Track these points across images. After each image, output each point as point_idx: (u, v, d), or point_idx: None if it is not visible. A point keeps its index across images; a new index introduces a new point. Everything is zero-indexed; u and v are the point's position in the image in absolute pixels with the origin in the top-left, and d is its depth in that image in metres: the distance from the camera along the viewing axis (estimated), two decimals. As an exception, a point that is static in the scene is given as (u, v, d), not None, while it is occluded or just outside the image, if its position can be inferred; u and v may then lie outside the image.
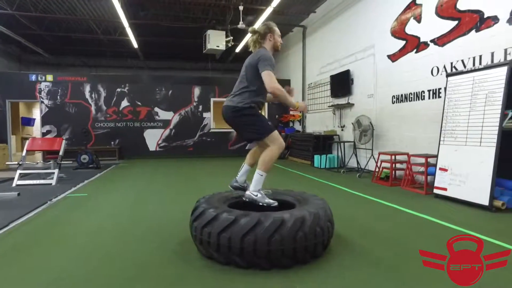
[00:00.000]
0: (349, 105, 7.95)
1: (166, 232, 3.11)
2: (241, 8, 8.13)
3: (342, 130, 8.35)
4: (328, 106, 8.90)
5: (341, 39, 8.32)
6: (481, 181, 3.97)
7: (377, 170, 6.06)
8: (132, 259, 2.49)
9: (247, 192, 2.71)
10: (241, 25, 8.36)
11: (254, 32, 2.87)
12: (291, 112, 11.75)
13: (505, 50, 4.28)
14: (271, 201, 2.66)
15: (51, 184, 5.68)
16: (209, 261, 2.40)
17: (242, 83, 2.79)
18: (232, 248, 2.23)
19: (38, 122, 11.23)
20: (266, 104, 11.27)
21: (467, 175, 4.19)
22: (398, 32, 6.29)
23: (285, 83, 11.97)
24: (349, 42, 7.94)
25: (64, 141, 6.25)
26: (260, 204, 2.65)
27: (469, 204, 4.06)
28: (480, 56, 4.63)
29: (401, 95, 6.23)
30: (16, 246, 2.82)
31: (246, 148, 11.72)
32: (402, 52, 6.22)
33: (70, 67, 14.03)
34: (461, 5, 4.92)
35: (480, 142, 4.10)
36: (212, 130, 11.66)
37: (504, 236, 2.93)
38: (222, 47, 9.78)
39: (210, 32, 9.58)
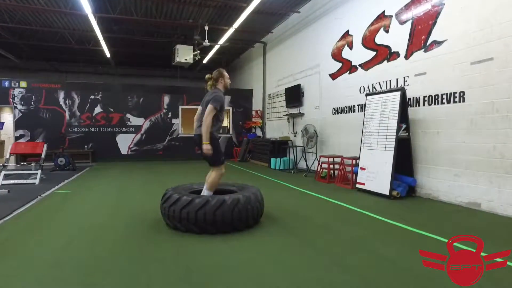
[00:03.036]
0: (300, 115, 9.22)
1: (141, 214, 4.11)
2: (206, 28, 9.19)
3: (294, 136, 9.61)
4: (283, 115, 10.15)
5: (295, 57, 9.61)
6: (385, 176, 5.29)
7: (319, 170, 7.31)
8: (117, 234, 3.49)
9: None
10: (206, 42, 9.41)
11: (209, 78, 3.92)
12: (253, 119, 12.92)
13: (404, 78, 5.66)
14: None
15: (35, 183, 6.42)
16: (174, 230, 3.44)
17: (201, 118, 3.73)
18: (189, 219, 3.29)
19: (8, 126, 11.57)
20: (230, 111, 12.28)
21: (377, 172, 5.50)
22: (337, 55, 7.63)
23: (248, 92, 13.17)
24: (301, 59, 9.24)
25: (45, 145, 6.98)
26: None
27: (377, 195, 5.36)
28: (390, 81, 6.00)
29: (339, 107, 7.56)
30: (25, 227, 3.72)
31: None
32: (339, 72, 7.55)
33: (40, 72, 14.39)
34: (378, 40, 6.29)
35: (385, 147, 5.42)
36: (180, 135, 12.56)
37: (392, 215, 4.19)
38: (190, 60, 10.77)
39: (179, 47, 10.54)
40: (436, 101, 5.06)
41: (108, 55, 11.97)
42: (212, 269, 2.53)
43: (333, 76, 7.78)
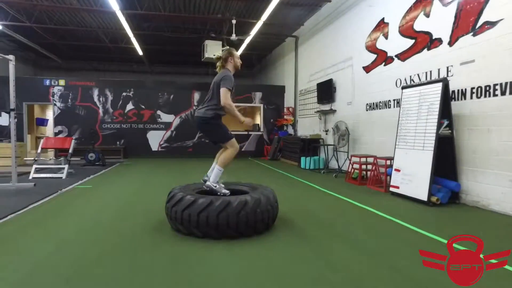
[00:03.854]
0: (332, 111, 8.66)
1: (150, 213, 3.90)
2: (233, 21, 8.92)
3: (326, 134, 9.05)
4: (315, 112, 9.62)
5: (326, 50, 9.05)
6: (422, 180, 4.66)
7: (350, 170, 6.75)
8: (115, 235, 3.28)
9: (207, 183, 3.47)
10: (233, 37, 9.15)
11: (218, 58, 3.64)
12: (284, 117, 12.49)
13: (447, 68, 4.96)
14: (226, 191, 3.43)
15: (62, 177, 6.53)
16: (176, 233, 3.17)
17: (212, 100, 3.50)
18: (191, 221, 2.99)
19: (51, 122, 12.19)
20: (261, 108, 11.97)
21: (413, 174, 4.87)
22: (371, 46, 6.99)
23: (280, 89, 12.76)
24: (333, 53, 8.67)
25: (73, 141, 7.11)
26: (218, 193, 3.40)
27: (413, 200, 4.74)
28: (430, 72, 5.31)
29: (373, 103, 6.93)
30: (35, 219, 3.66)
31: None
32: (374, 64, 6.91)
33: (80, 71, 15.04)
34: (417, 26, 5.61)
35: (423, 146, 4.78)
36: (211, 132, 12.43)
37: (429, 226, 3.60)
38: (219, 56, 10.56)
39: (207, 42, 10.39)
40: (487, 93, 4.33)
41: (140, 53, 12.16)
42: (204, 281, 2.21)
43: (367, 69, 7.15)
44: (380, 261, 2.58)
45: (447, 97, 4.66)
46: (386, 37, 6.47)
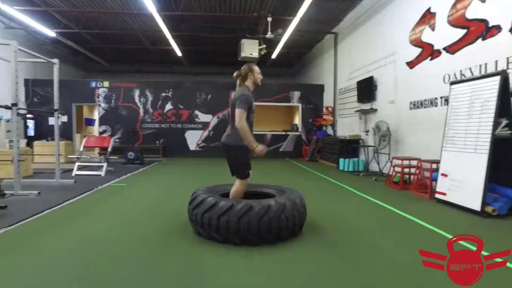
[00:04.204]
0: (373, 111, 8.14)
1: (176, 214, 3.83)
2: (269, 19, 8.73)
3: (366, 134, 8.55)
4: (355, 111, 9.13)
5: (367, 46, 8.54)
6: (474, 186, 4.13)
7: (391, 174, 6.26)
8: (136, 236, 3.24)
9: None
10: (269, 35, 8.96)
11: (238, 75, 3.35)
12: (323, 117, 12.06)
13: (507, 59, 4.36)
14: None
15: (101, 175, 6.78)
16: (197, 236, 3.05)
17: (232, 122, 3.21)
18: (211, 225, 2.85)
19: (97, 122, 12.87)
20: (300, 108, 11.69)
21: (463, 180, 4.35)
22: (415, 40, 6.44)
23: (319, 88, 12.35)
24: (373, 49, 8.15)
25: (112, 139, 7.37)
26: None
27: (464, 209, 4.21)
28: (485, 65, 4.72)
29: (417, 101, 6.37)
30: (67, 216, 3.76)
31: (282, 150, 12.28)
32: (418, 59, 6.36)
33: (125, 73, 15.73)
34: (469, 14, 5.02)
35: (475, 148, 4.25)
36: (247, 132, 12.35)
37: (483, 241, 3.17)
38: (256, 55, 10.42)
39: (243, 41, 10.28)
40: (555, 88, 3.73)
41: (179, 54, 12.40)
42: (216, 293, 2.05)
43: (411, 64, 6.59)
44: (420, 282, 2.24)
45: (506, 93, 4.08)
46: (433, 29, 5.90)
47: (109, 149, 7.23)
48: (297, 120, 13.01)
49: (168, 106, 11.94)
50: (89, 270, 2.35)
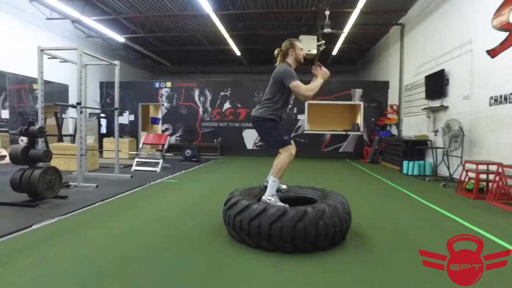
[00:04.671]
0: (443, 108, 7.22)
1: (218, 213, 3.73)
2: (327, 13, 8.29)
3: (435, 135, 7.63)
4: (422, 109, 8.23)
5: (438, 36, 7.61)
6: None
7: (463, 180, 5.45)
8: (180, 229, 3.21)
9: (263, 197, 3.02)
10: (327, 29, 8.51)
11: (278, 51, 3.22)
12: (387, 115, 11.16)
13: None
14: (283, 204, 2.85)
15: (156, 171, 7.08)
16: (231, 238, 2.90)
17: (266, 95, 3.18)
18: (242, 228, 2.68)
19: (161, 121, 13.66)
20: (362, 106, 11.05)
21: (558, 191, 3.54)
22: (501, 23, 5.49)
23: (383, 85, 11.48)
24: (445, 38, 7.22)
25: (168, 137, 7.66)
26: None
27: (557, 226, 3.45)
28: None
29: (500, 95, 5.44)
30: (111, 210, 3.93)
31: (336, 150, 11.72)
32: (503, 45, 5.41)
33: (189, 74, 16.48)
34: None
35: None
36: (306, 132, 12.02)
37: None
38: (314, 51, 10.01)
39: (301, 38, 9.92)
40: None
41: (238, 53, 12.53)
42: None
43: (493, 52, 5.66)
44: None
45: None
46: (522, 9, 4.97)
47: (165, 146, 7.52)
48: (359, 119, 12.26)
49: (227, 105, 12.13)
50: (112, 264, 2.35)
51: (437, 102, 7.48)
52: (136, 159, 7.38)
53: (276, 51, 3.25)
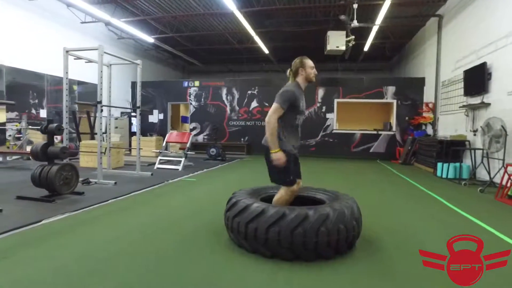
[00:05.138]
0: (484, 105, 6.58)
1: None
2: (355, 6, 7.89)
3: (474, 135, 6.98)
4: (460, 107, 7.58)
5: (480, 26, 6.95)
6: None
7: (506, 185, 4.90)
8: (184, 229, 3.13)
9: None
10: (354, 23, 8.11)
11: (290, 70, 3.01)
12: (422, 114, 10.47)
13: None
14: None
15: (178, 169, 7.12)
16: (230, 242, 2.76)
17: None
18: (239, 231, 2.54)
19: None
20: (394, 104, 10.46)
21: None
22: (549, 10, 4.88)
23: (418, 81, 10.81)
24: (488, 28, 6.57)
25: (191, 135, 7.68)
26: None
27: None
28: None
29: (549, 91, 4.83)
30: (122, 207, 3.95)
31: (370, 151, 11.23)
32: (553, 36, 4.80)
33: (218, 73, 16.59)
34: None
35: None
36: (335, 131, 11.62)
37: None
38: (342, 47, 9.62)
39: (330, 33, 9.58)
40: None
41: (266, 51, 12.37)
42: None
43: (542, 43, 5.04)
44: None
45: None
46: None
47: (188, 145, 7.55)
48: (391, 118, 11.63)
49: (254, 104, 12.03)
50: (105, 262, 2.31)
51: (477, 99, 6.84)
52: (159, 157, 7.48)
53: (287, 72, 3.03)
